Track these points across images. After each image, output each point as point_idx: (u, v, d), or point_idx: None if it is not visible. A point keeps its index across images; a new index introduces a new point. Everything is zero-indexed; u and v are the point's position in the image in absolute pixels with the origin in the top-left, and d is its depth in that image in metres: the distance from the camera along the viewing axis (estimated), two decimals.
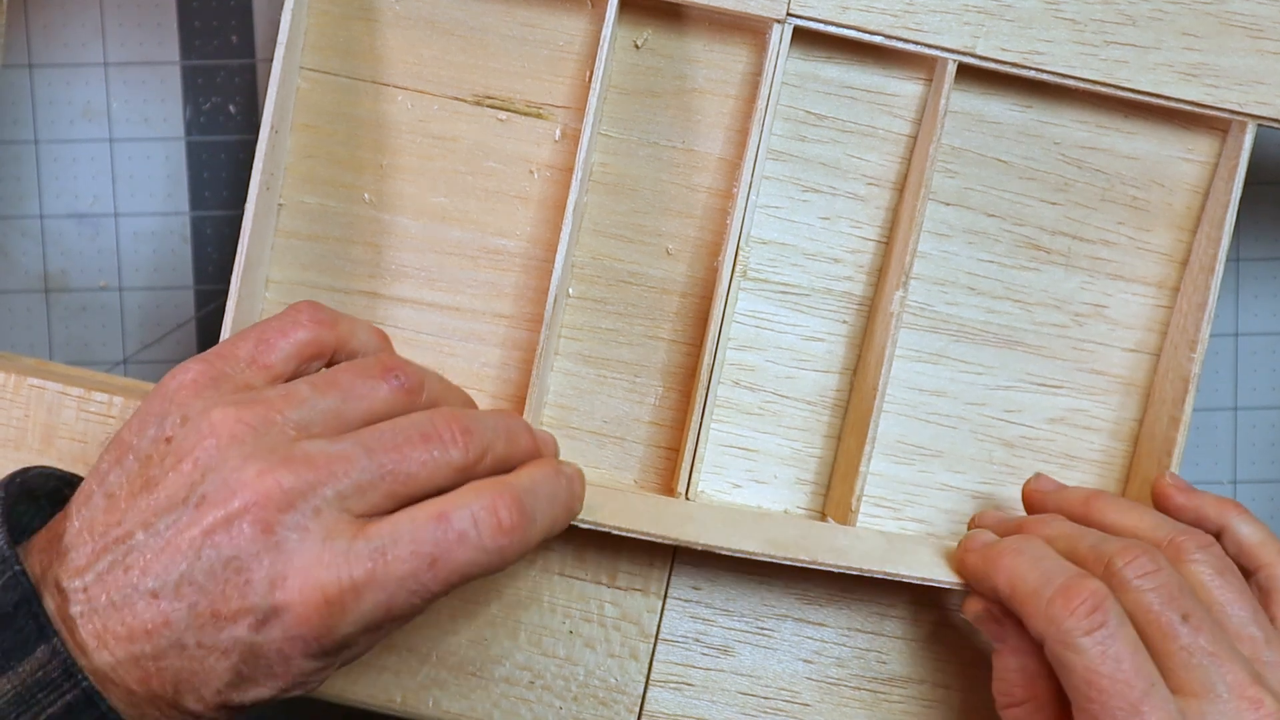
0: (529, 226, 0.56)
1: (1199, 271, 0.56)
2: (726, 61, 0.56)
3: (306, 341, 0.47)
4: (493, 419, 0.47)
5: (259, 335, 0.46)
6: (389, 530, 0.42)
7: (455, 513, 0.43)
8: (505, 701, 0.54)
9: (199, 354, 0.46)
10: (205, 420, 0.43)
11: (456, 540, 0.43)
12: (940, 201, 0.57)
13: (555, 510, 0.47)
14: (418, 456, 0.44)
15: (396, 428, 0.44)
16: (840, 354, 0.57)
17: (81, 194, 0.62)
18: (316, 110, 0.56)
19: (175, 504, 0.42)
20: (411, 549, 0.42)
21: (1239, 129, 0.55)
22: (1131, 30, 0.54)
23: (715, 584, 0.55)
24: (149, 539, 0.42)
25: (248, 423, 0.43)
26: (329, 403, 0.45)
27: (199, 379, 0.45)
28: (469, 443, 0.45)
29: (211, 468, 0.42)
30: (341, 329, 0.48)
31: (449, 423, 0.45)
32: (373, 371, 0.46)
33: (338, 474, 0.43)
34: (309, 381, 0.45)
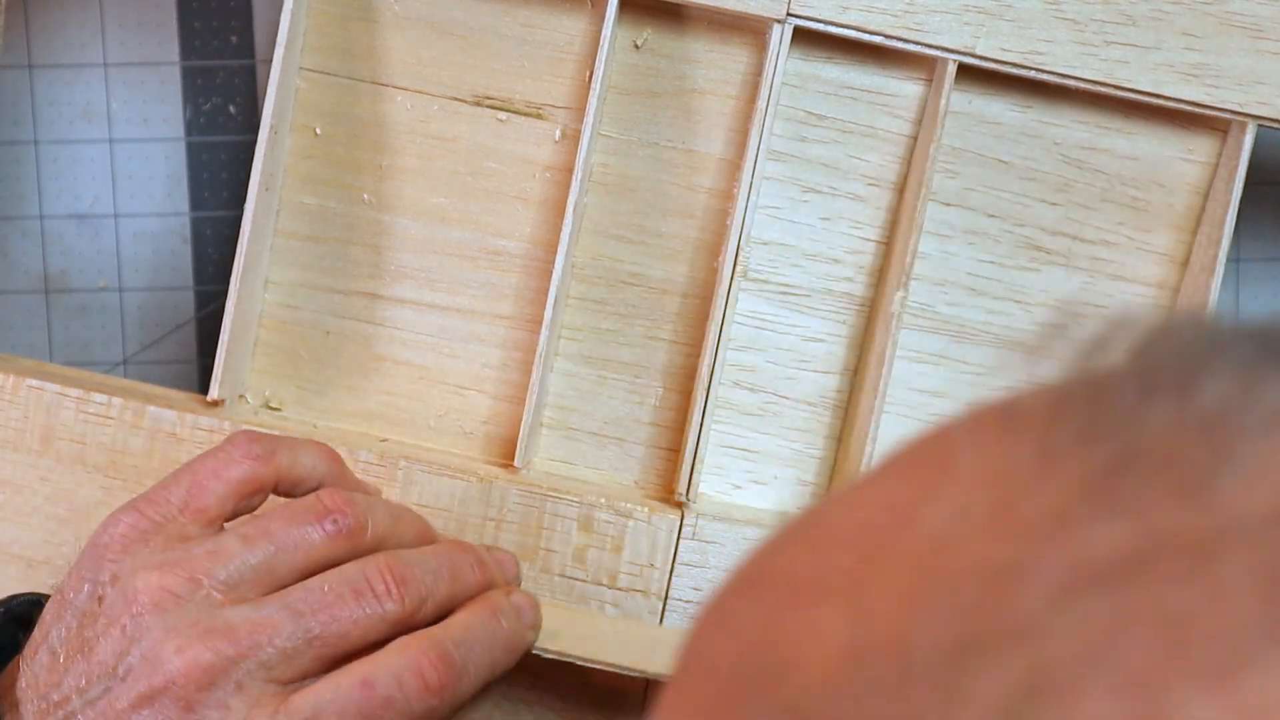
0: (529, 227, 0.56)
1: (1199, 272, 0.56)
2: (726, 62, 0.56)
3: (242, 480, 0.46)
4: (435, 559, 0.46)
5: (192, 478, 0.45)
6: (313, 699, 0.42)
7: (379, 678, 0.42)
8: (505, 702, 0.54)
9: (132, 500, 0.45)
10: (131, 585, 0.43)
11: (382, 705, 0.42)
12: (940, 202, 0.57)
13: (493, 654, 0.46)
14: (349, 615, 0.43)
15: (327, 582, 0.43)
16: (841, 355, 0.57)
17: (81, 194, 0.62)
18: (316, 111, 0.56)
19: (106, 673, 0.42)
20: (336, 718, 0.42)
21: (1239, 129, 0.55)
22: (1132, 30, 0.54)
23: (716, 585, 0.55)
24: (85, 706, 0.42)
25: (171, 589, 0.42)
26: (259, 557, 0.44)
27: (129, 533, 0.44)
28: (405, 593, 0.44)
29: (135, 639, 0.42)
30: (280, 461, 0.46)
31: (383, 574, 0.44)
32: (307, 517, 0.45)
33: (261, 644, 0.42)
34: (240, 534, 0.44)
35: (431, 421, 0.57)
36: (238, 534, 0.44)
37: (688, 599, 0.55)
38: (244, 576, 0.43)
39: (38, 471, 0.53)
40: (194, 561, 0.43)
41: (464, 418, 0.57)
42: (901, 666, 0.21)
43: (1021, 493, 0.23)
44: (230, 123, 0.62)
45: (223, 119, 0.62)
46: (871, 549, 0.24)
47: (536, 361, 0.53)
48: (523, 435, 0.54)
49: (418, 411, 0.57)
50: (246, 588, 0.43)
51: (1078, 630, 0.20)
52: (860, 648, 0.22)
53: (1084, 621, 0.20)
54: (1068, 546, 0.21)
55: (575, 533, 0.54)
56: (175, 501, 0.45)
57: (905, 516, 0.24)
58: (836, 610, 0.23)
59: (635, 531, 0.54)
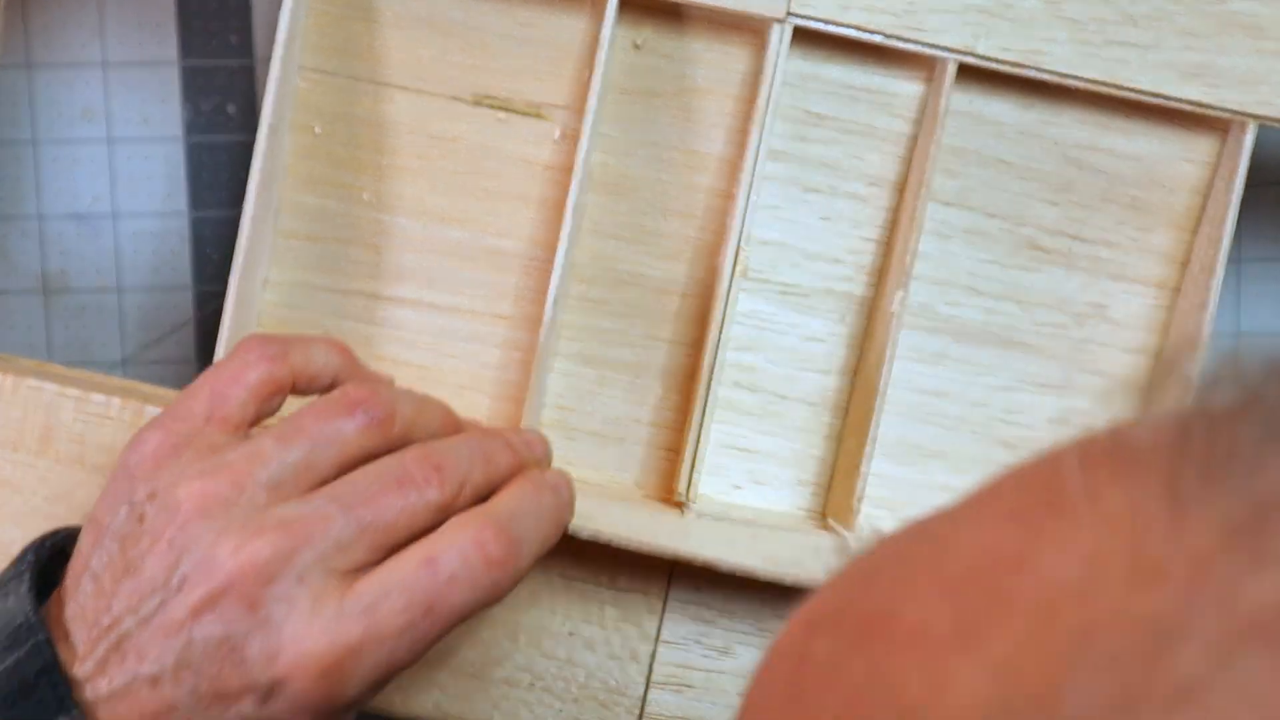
0: (529, 227, 0.56)
1: (1200, 272, 0.56)
2: (726, 61, 0.56)
3: (261, 382, 0.46)
4: (466, 446, 0.46)
5: (211, 387, 0.45)
6: (378, 584, 0.42)
7: (442, 555, 0.42)
8: (505, 703, 0.54)
9: (155, 419, 0.45)
10: (173, 497, 0.42)
11: (448, 583, 0.42)
12: (941, 202, 0.57)
13: (544, 528, 0.46)
14: (394, 504, 0.43)
15: (369, 477, 0.44)
16: (841, 355, 0.57)
17: (80, 194, 0.62)
18: (315, 110, 0.56)
19: (158, 587, 0.42)
20: (404, 601, 0.42)
21: (1239, 129, 0.55)
22: (1132, 30, 0.54)
23: (716, 585, 0.55)
24: (139, 625, 0.42)
25: (216, 495, 0.42)
26: (297, 454, 0.44)
27: (159, 449, 0.44)
28: (444, 480, 0.44)
29: (186, 548, 0.42)
30: (294, 359, 0.46)
31: (421, 463, 0.44)
32: (338, 411, 0.45)
33: (315, 536, 0.42)
34: (274, 435, 0.44)
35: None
36: (272, 435, 0.44)
37: (687, 599, 0.55)
38: (285, 476, 0.43)
39: (37, 471, 0.53)
40: (233, 467, 0.43)
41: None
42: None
43: (1157, 540, 0.22)
44: (230, 122, 0.62)
45: (222, 119, 0.62)
46: (988, 595, 0.23)
47: (536, 361, 0.53)
48: None
49: None
50: (289, 487, 0.43)
51: (1243, 687, 0.20)
52: (1006, 704, 0.21)
53: (1248, 678, 0.20)
54: (1221, 599, 0.21)
55: None
56: (199, 413, 0.45)
57: (1023, 561, 0.23)
58: (970, 662, 0.22)
59: None
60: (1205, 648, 0.20)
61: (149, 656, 0.41)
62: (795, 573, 0.52)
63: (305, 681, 0.41)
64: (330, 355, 0.48)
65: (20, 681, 0.41)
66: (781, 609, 0.55)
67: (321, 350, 0.47)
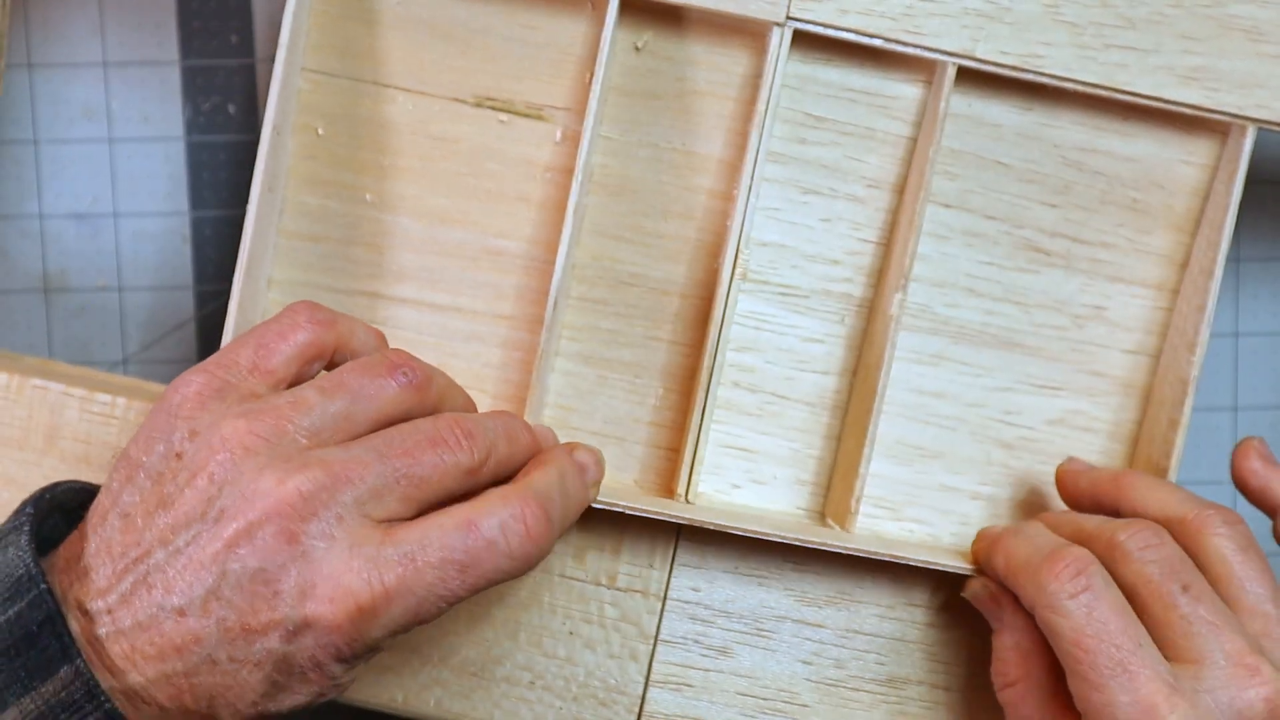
0: (530, 228, 0.56)
1: (1198, 274, 0.56)
2: (726, 64, 0.56)
3: (307, 343, 0.47)
4: (492, 421, 0.47)
5: (259, 340, 0.46)
6: (418, 536, 0.43)
7: (484, 521, 0.44)
8: (506, 702, 0.54)
9: (199, 364, 0.46)
10: (216, 434, 0.43)
11: (485, 548, 0.43)
12: (940, 204, 0.57)
13: (572, 507, 0.48)
14: (428, 460, 0.44)
15: (404, 433, 0.45)
16: (840, 355, 0.57)
17: (81, 194, 0.62)
18: (318, 111, 0.56)
19: (194, 520, 0.42)
20: (441, 555, 0.43)
21: (1239, 132, 0.55)
22: (1131, 33, 0.54)
23: (714, 585, 0.55)
24: (170, 557, 0.42)
25: (259, 434, 0.43)
26: (338, 406, 0.45)
27: (203, 391, 0.44)
28: (474, 446, 0.45)
29: (228, 481, 0.42)
30: (340, 328, 0.48)
31: (453, 427, 0.45)
32: (380, 370, 0.46)
33: (354, 479, 0.43)
34: (316, 386, 0.45)
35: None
36: (314, 386, 0.45)
37: (686, 599, 0.55)
38: (325, 424, 0.44)
39: (42, 470, 0.53)
40: (277, 410, 0.44)
41: None
42: None
43: None
44: (230, 122, 0.62)
45: (222, 118, 0.62)
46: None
47: (537, 361, 0.54)
48: None
49: None
50: (328, 434, 0.44)
51: None
52: None
53: None
54: None
55: (574, 533, 0.54)
56: (244, 363, 0.46)
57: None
58: None
59: (634, 532, 0.54)
60: None
61: (177, 588, 0.42)
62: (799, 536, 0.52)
63: (336, 619, 0.42)
64: (370, 336, 0.49)
65: (23, 632, 0.41)
66: (781, 609, 0.55)
67: (363, 329, 0.49)
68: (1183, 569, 0.48)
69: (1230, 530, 0.49)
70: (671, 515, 0.52)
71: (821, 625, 0.55)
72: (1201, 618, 0.47)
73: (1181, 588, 0.47)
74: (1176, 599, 0.47)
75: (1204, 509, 0.50)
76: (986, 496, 0.58)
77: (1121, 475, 0.53)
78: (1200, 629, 0.46)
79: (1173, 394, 0.56)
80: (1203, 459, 0.65)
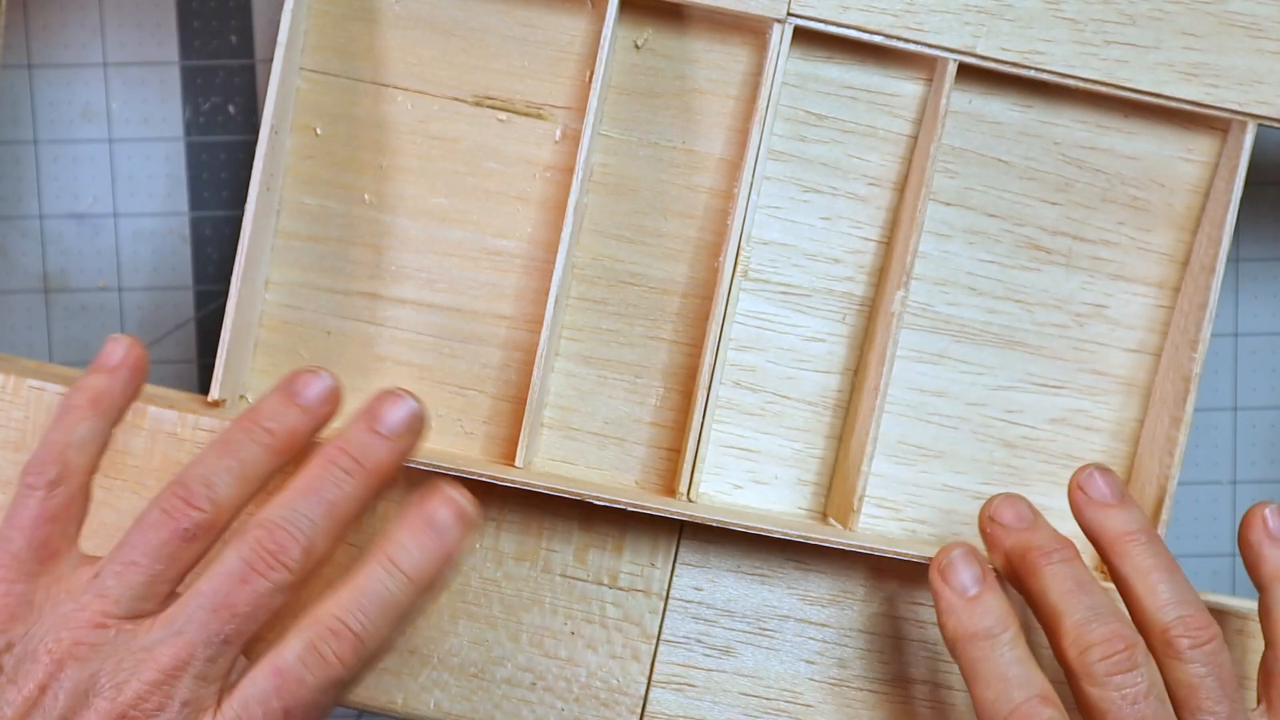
0: (529, 227, 0.56)
1: (1200, 271, 0.56)
2: (727, 62, 0.56)
3: (38, 519, 0.47)
4: (303, 500, 0.47)
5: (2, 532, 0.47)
6: (239, 702, 0.45)
7: (285, 663, 0.45)
8: (507, 703, 0.54)
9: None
10: (40, 648, 0.45)
11: (296, 685, 0.45)
12: (941, 202, 0.57)
13: (395, 602, 0.46)
14: (245, 601, 0.45)
15: (214, 581, 0.45)
16: (841, 354, 0.57)
17: (81, 194, 0.62)
18: (316, 111, 0.56)
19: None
20: (262, 710, 0.45)
21: (1239, 128, 0.55)
22: (1131, 30, 0.54)
23: (717, 585, 0.55)
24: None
25: (82, 642, 0.45)
26: (139, 580, 0.45)
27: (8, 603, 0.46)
28: (286, 558, 0.46)
29: (62, 692, 0.44)
30: (70, 468, 0.48)
31: (257, 551, 0.45)
32: (159, 527, 0.46)
33: (187, 662, 0.44)
34: (114, 571, 0.46)
35: (432, 422, 0.57)
36: (109, 571, 0.46)
37: (689, 599, 0.55)
38: (137, 606, 0.45)
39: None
40: (86, 611, 0.45)
41: (464, 418, 0.57)
42: None
43: None
44: (230, 122, 0.62)
45: (222, 119, 0.62)
46: None
47: (537, 361, 0.54)
48: (523, 435, 0.54)
49: None
50: (146, 610, 0.46)
51: None
52: None
53: None
54: None
55: (576, 533, 0.54)
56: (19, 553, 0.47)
57: None
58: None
59: (636, 531, 0.54)
60: None
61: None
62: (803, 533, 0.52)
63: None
64: (83, 427, 0.48)
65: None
66: (784, 608, 0.55)
67: (76, 428, 0.48)
68: (1145, 701, 0.48)
69: (1196, 653, 0.49)
70: (673, 512, 0.52)
71: (825, 625, 0.55)
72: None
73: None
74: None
75: (1178, 627, 0.49)
76: (988, 496, 0.58)
77: (1125, 538, 0.51)
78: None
79: (1175, 391, 0.56)
80: (1203, 459, 0.65)
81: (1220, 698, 0.49)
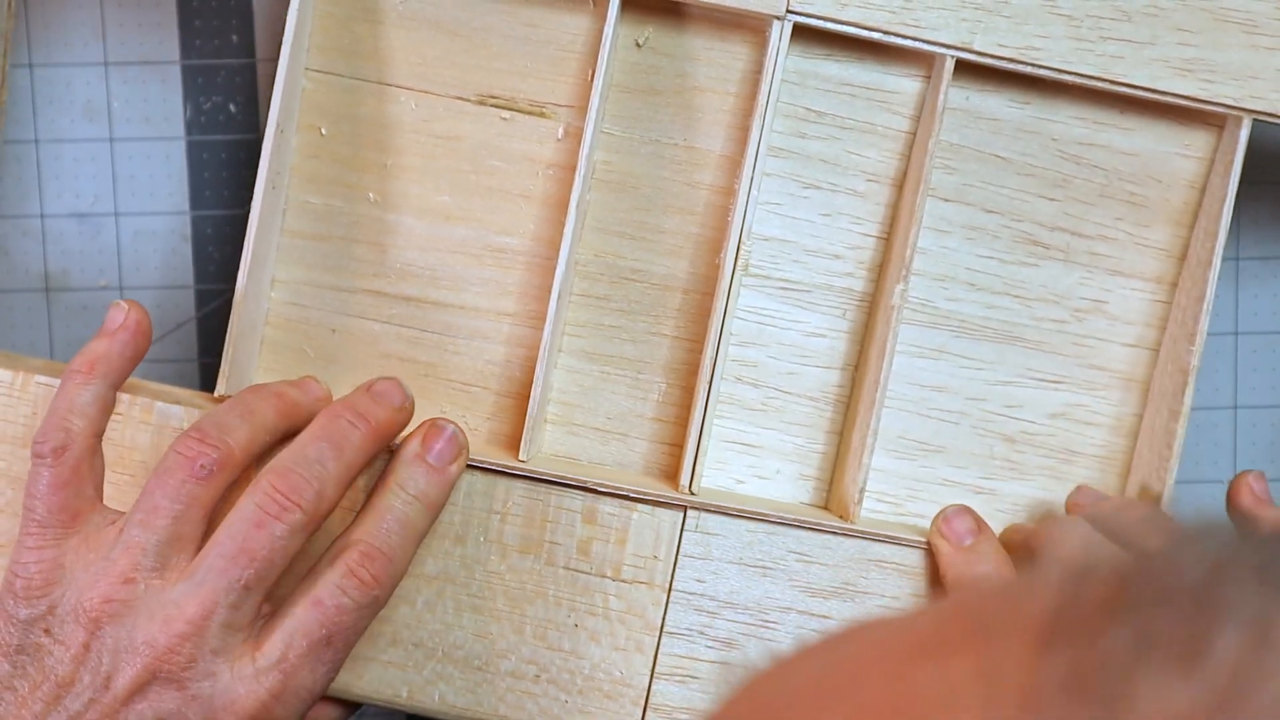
0: (532, 224, 0.56)
1: (1197, 266, 0.56)
2: (727, 59, 0.56)
3: (53, 480, 0.48)
4: (312, 445, 0.48)
5: (27, 502, 0.48)
6: (280, 635, 0.47)
7: (323, 593, 0.47)
8: (511, 695, 0.54)
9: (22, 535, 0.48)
10: (78, 608, 0.46)
11: (336, 612, 0.47)
12: (939, 197, 0.57)
13: (413, 523, 0.50)
14: (262, 545, 0.46)
15: (231, 528, 0.47)
16: (841, 349, 0.57)
17: (82, 193, 0.62)
18: (321, 111, 0.56)
19: (85, 687, 0.45)
20: (307, 642, 0.47)
21: (1235, 123, 0.55)
22: (1127, 26, 0.54)
23: (719, 577, 0.55)
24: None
25: (114, 599, 0.46)
26: (163, 532, 0.47)
27: (41, 566, 0.47)
28: (299, 499, 0.47)
29: (105, 648, 0.45)
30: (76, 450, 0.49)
31: (272, 495, 0.47)
32: (178, 474, 0.47)
33: (211, 612, 0.46)
34: (138, 521, 0.47)
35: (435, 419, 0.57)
36: (136, 521, 0.47)
37: (691, 590, 0.55)
38: (163, 555, 0.46)
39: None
40: (116, 566, 0.46)
41: (468, 413, 0.57)
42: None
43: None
44: (231, 122, 0.63)
45: (223, 118, 0.62)
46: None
47: (540, 358, 0.54)
48: (527, 431, 0.54)
49: (422, 408, 0.57)
50: (172, 561, 0.47)
51: None
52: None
53: None
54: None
55: (579, 525, 0.54)
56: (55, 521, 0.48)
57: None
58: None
59: (639, 524, 0.55)
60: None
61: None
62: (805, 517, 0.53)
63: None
64: (84, 400, 0.50)
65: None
66: (786, 600, 0.55)
67: (80, 404, 0.50)
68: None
69: None
70: (676, 498, 0.53)
71: (827, 617, 0.55)
72: None
73: None
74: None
75: None
76: (988, 490, 0.58)
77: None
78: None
79: (1173, 385, 0.56)
80: (1203, 457, 0.65)
81: None
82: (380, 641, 0.53)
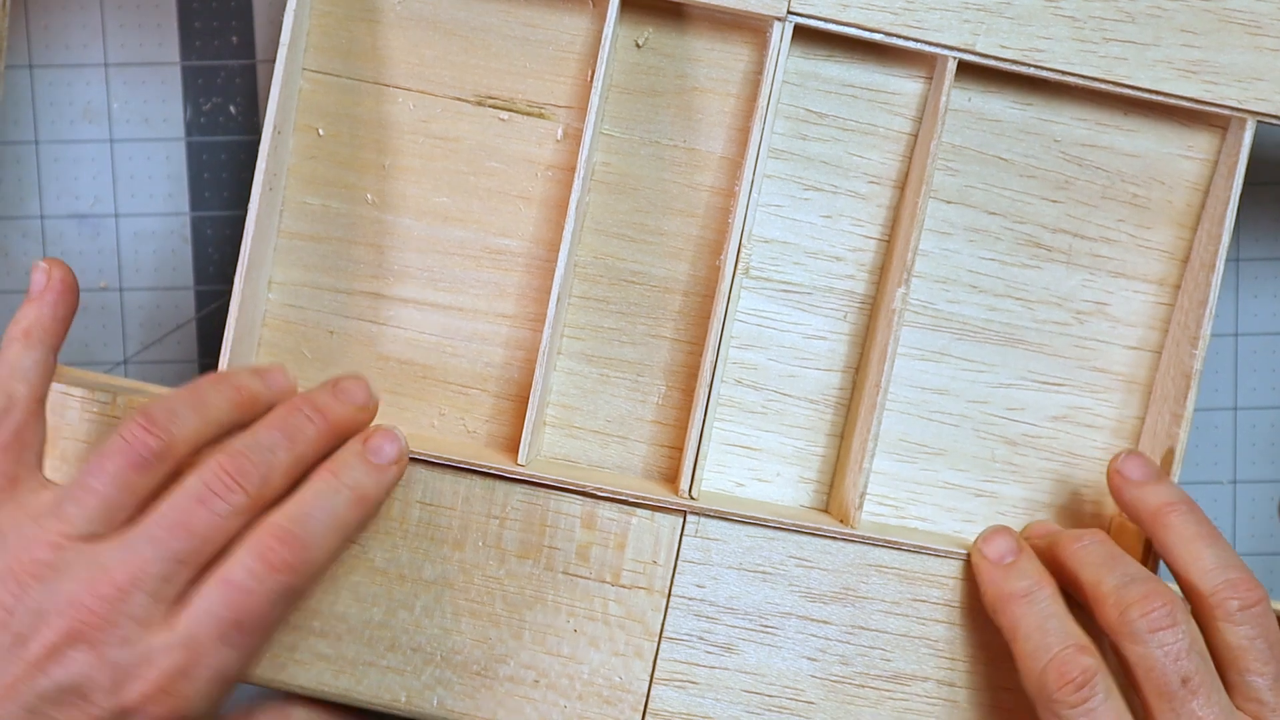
0: (531, 226, 0.56)
1: (1200, 268, 0.56)
2: (728, 60, 0.56)
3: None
4: (267, 434, 0.49)
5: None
6: (191, 614, 0.46)
7: (233, 572, 0.46)
8: (510, 700, 0.54)
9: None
10: (6, 567, 0.46)
11: (245, 595, 0.46)
12: (941, 199, 0.57)
13: (338, 515, 0.49)
14: (202, 522, 0.46)
15: (173, 503, 0.47)
16: (842, 352, 0.57)
17: (82, 194, 0.62)
18: (319, 111, 0.56)
19: (2, 648, 0.45)
20: (213, 623, 0.46)
21: (1238, 125, 0.55)
22: (1130, 27, 0.54)
23: (719, 582, 0.55)
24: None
25: (39, 559, 0.46)
26: (97, 505, 0.47)
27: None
28: (245, 482, 0.47)
29: (18, 608, 0.45)
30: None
31: (218, 474, 0.47)
32: (114, 458, 0.47)
33: (140, 577, 0.46)
34: (72, 496, 0.47)
35: (434, 420, 0.57)
36: (69, 496, 0.47)
37: (691, 595, 0.55)
38: (92, 526, 0.47)
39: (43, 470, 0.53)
40: (46, 533, 0.46)
41: (467, 416, 0.57)
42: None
43: None
44: (231, 123, 0.62)
45: (223, 119, 0.62)
46: None
47: (539, 360, 0.54)
48: (526, 434, 0.54)
49: (420, 410, 0.57)
50: (101, 531, 0.47)
51: None
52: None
53: None
54: None
55: (578, 530, 0.54)
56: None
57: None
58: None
59: (638, 528, 0.54)
60: None
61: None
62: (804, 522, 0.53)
63: (150, 706, 0.45)
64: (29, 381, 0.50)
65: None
66: (786, 605, 0.55)
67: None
68: (1187, 658, 0.48)
69: (1244, 615, 0.49)
70: (676, 503, 0.53)
71: (827, 621, 0.55)
72: (1191, 712, 0.47)
73: (1181, 680, 0.48)
74: (1173, 690, 0.48)
75: (1224, 591, 0.50)
76: (990, 493, 0.58)
77: (1164, 511, 0.52)
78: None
79: (1175, 388, 0.56)
80: (1204, 459, 0.65)
81: (1269, 659, 0.49)
82: (379, 646, 0.53)
